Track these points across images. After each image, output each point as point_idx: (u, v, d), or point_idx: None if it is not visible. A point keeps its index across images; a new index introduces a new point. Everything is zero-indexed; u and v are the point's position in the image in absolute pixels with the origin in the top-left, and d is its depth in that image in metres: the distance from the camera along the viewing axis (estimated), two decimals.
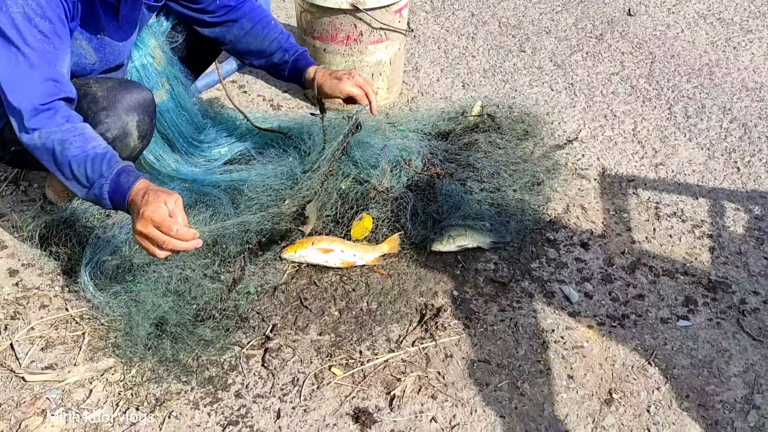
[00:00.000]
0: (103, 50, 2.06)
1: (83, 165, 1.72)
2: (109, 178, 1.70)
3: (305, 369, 1.93)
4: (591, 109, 3.10)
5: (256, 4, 2.33)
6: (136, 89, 2.04)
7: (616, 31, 3.75)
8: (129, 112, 2.00)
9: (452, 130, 2.75)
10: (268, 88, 3.25)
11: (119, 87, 2.01)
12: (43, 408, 1.81)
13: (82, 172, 1.72)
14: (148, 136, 2.12)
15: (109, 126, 1.96)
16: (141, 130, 2.05)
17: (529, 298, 2.15)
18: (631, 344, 2.01)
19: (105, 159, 1.72)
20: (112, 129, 1.97)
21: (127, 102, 1.99)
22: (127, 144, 2.02)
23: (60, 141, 1.71)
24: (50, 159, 1.74)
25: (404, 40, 3.07)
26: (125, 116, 1.99)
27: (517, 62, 3.48)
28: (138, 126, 2.03)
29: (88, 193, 1.75)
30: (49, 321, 2.05)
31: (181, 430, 1.77)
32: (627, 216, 2.48)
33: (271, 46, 2.31)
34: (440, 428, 1.79)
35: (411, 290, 2.17)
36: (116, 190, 1.71)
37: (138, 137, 2.05)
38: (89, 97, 1.96)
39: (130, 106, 2.00)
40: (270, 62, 2.35)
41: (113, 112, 1.97)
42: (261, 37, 2.31)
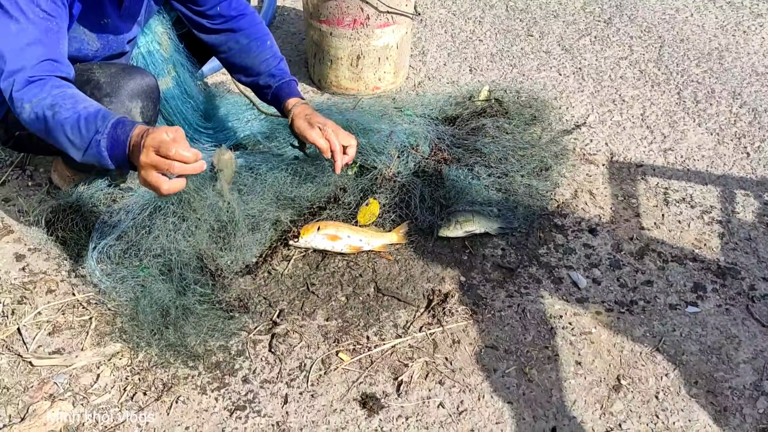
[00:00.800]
0: (106, 38, 2.05)
1: (76, 126, 1.65)
2: (105, 132, 1.63)
3: (312, 354, 1.93)
4: (599, 94, 3.08)
5: (257, 20, 2.29)
6: (140, 75, 2.02)
7: (624, 15, 3.72)
8: (132, 98, 1.98)
9: (459, 115, 2.73)
10: None
11: (122, 73, 1.99)
12: (51, 393, 1.82)
13: (77, 133, 1.65)
14: (152, 122, 2.11)
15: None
16: (145, 116, 2.04)
17: (536, 284, 2.14)
18: (639, 330, 2.00)
19: (98, 116, 1.65)
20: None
21: (130, 88, 1.98)
22: None
23: (50, 106, 1.65)
24: (43, 128, 1.68)
25: (411, 23, 3.05)
26: (129, 102, 1.97)
27: (525, 46, 3.46)
28: (142, 112, 2.02)
29: (86, 154, 1.67)
30: (56, 306, 2.05)
31: (188, 414, 1.77)
32: (635, 201, 2.47)
33: (260, 67, 2.26)
34: (447, 414, 1.78)
35: (418, 276, 2.16)
36: (114, 144, 1.63)
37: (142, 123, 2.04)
38: (92, 83, 1.95)
39: (133, 93, 1.98)
40: (254, 82, 2.30)
41: (117, 99, 1.95)
42: (253, 56, 2.26)
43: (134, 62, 2.25)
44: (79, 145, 1.66)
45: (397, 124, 2.56)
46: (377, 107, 2.75)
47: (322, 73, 3.06)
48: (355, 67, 2.97)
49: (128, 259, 2.05)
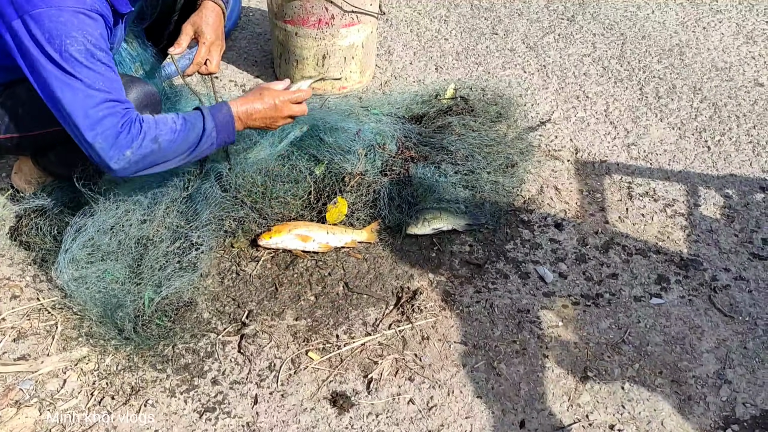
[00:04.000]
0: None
1: (184, 141, 1.85)
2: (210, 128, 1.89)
3: (282, 354, 1.93)
4: (563, 91, 3.11)
5: None
6: (141, 85, 2.06)
7: (587, 13, 3.76)
8: (142, 109, 2.00)
9: (426, 114, 2.75)
10: (240, 73, 3.22)
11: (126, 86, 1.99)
12: (17, 399, 1.79)
13: (186, 144, 1.86)
14: None
15: None
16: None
17: (504, 280, 2.16)
18: (605, 323, 2.03)
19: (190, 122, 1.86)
20: None
21: (134, 98, 2.00)
22: None
23: (152, 139, 1.79)
24: (153, 160, 1.83)
25: (376, 23, 3.05)
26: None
27: (490, 44, 3.48)
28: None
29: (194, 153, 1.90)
30: (20, 311, 2.02)
31: (157, 418, 1.76)
32: (600, 196, 2.50)
33: None
34: (418, 410, 1.79)
35: (387, 273, 2.17)
36: (221, 131, 1.92)
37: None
38: None
39: (140, 104, 2.01)
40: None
41: None
42: None
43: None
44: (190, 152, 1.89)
45: (364, 122, 2.57)
46: (344, 106, 2.75)
47: (288, 73, 3.05)
48: (321, 67, 2.97)
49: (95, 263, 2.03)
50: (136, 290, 1.98)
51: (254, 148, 2.40)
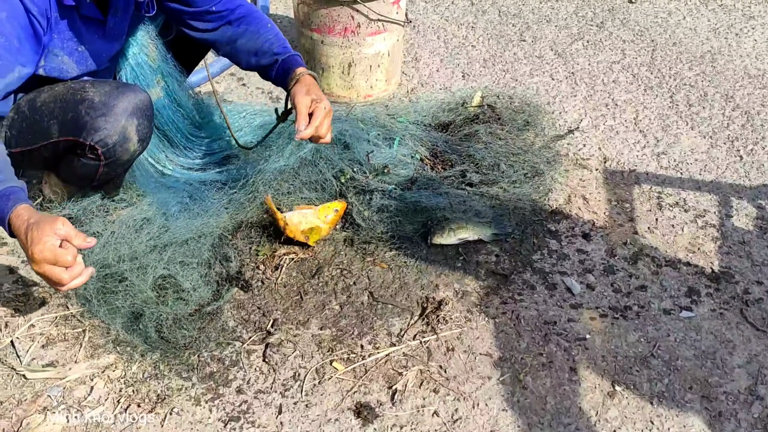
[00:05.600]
0: (85, 62, 2.05)
1: None
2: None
3: (306, 364, 1.92)
4: (592, 99, 3.08)
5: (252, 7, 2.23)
6: (133, 93, 2.02)
7: (617, 19, 3.73)
8: (128, 117, 1.98)
9: (452, 122, 2.74)
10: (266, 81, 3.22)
11: (116, 91, 1.99)
12: (45, 406, 1.81)
13: None
14: (148, 138, 2.11)
15: (108, 132, 1.95)
16: (140, 134, 2.04)
17: (530, 290, 2.14)
18: (633, 336, 2.00)
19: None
20: (112, 135, 1.96)
21: (125, 106, 1.97)
22: (127, 149, 2.02)
23: None
24: None
25: (403, 30, 3.05)
26: (125, 121, 1.97)
27: (518, 51, 3.46)
28: (137, 130, 2.02)
29: None
30: (49, 318, 2.04)
31: (182, 426, 1.77)
32: (629, 206, 2.47)
33: (264, 46, 2.18)
34: (442, 422, 1.78)
35: (412, 283, 2.16)
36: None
37: (138, 141, 2.04)
38: (86, 102, 1.95)
39: (128, 111, 1.98)
40: (258, 63, 2.22)
41: (112, 118, 1.95)
42: (255, 39, 2.18)
43: (123, 74, 2.25)
44: None
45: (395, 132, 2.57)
46: (370, 114, 2.75)
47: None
48: (347, 75, 2.97)
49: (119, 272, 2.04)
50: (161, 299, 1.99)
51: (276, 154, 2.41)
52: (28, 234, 1.52)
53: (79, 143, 1.98)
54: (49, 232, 1.51)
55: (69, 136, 1.98)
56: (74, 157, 2.06)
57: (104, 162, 2.03)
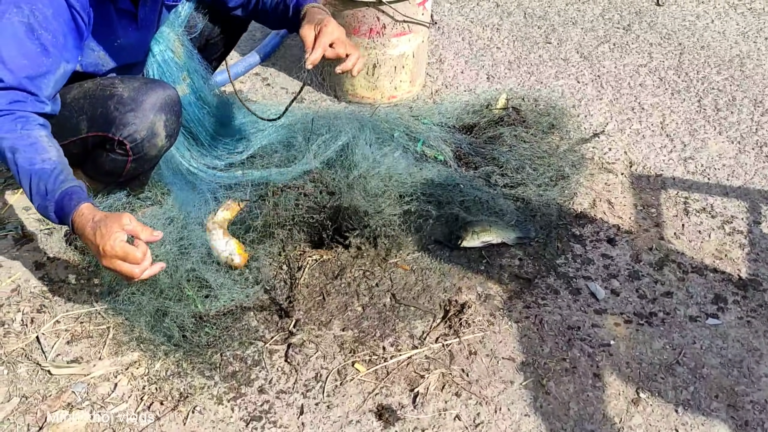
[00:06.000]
0: (118, 55, 2.08)
1: (29, 180, 1.67)
2: (53, 200, 1.66)
3: (328, 365, 1.92)
4: (618, 102, 3.06)
5: None
6: (161, 88, 2.04)
7: (644, 22, 3.69)
8: (157, 112, 2.00)
9: (477, 124, 2.73)
10: (290, 81, 3.24)
11: (145, 87, 2.01)
12: (69, 402, 1.83)
13: (28, 186, 1.68)
14: (175, 134, 2.13)
15: (137, 127, 1.97)
16: (168, 129, 2.06)
17: (554, 295, 2.13)
18: (659, 343, 1.98)
19: (51, 178, 1.67)
20: (140, 130, 1.98)
21: (153, 102, 1.99)
22: (155, 144, 2.03)
23: (10, 148, 1.68)
24: (6, 164, 1.71)
25: (428, 32, 3.04)
26: (153, 117, 1.99)
27: (543, 54, 3.44)
28: (165, 126, 2.04)
29: (37, 206, 1.70)
30: (74, 315, 2.06)
31: (204, 425, 1.78)
32: (655, 211, 2.44)
33: None
34: (464, 426, 1.77)
35: (435, 286, 2.15)
36: (60, 212, 1.66)
37: (165, 136, 2.06)
38: (116, 98, 1.97)
39: (157, 107, 2.00)
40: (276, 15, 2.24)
41: (141, 114, 1.97)
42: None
43: (150, 71, 2.27)
44: (32, 195, 1.69)
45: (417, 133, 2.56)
46: (394, 116, 2.75)
47: (338, 82, 3.06)
48: (371, 76, 2.97)
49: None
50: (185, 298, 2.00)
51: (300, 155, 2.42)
52: (96, 231, 1.57)
53: (107, 138, 2.00)
54: (117, 228, 1.56)
55: (98, 132, 2.00)
56: (102, 152, 2.08)
57: (132, 157, 2.05)
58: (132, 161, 2.06)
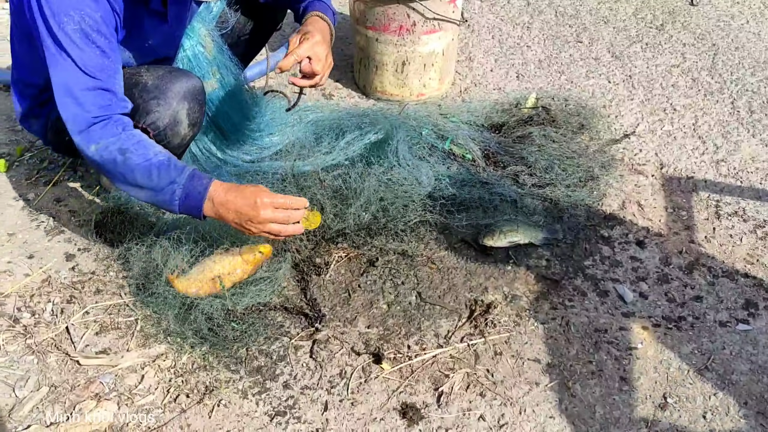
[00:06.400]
0: (148, 53, 2.11)
1: (147, 173, 1.78)
2: (181, 183, 1.79)
3: (353, 362, 1.93)
4: (650, 103, 3.02)
5: None
6: (186, 77, 2.06)
7: (677, 22, 3.64)
8: (180, 100, 2.02)
9: (505, 123, 2.71)
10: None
11: (169, 75, 2.03)
12: (97, 392, 1.85)
13: (147, 179, 1.78)
14: (198, 123, 2.14)
15: (160, 114, 1.99)
16: (191, 118, 2.07)
17: (581, 297, 2.11)
18: (687, 347, 1.96)
19: (171, 165, 1.80)
20: (163, 118, 1.99)
21: (177, 90, 2.01)
22: (177, 132, 2.05)
23: (120, 150, 1.76)
24: (110, 169, 1.79)
25: (458, 30, 3.03)
26: (176, 105, 2.01)
27: (574, 53, 3.41)
28: (188, 114, 2.05)
29: (153, 198, 1.83)
30: (103, 306, 2.08)
31: (229, 418, 1.79)
32: (685, 214, 2.41)
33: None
34: (488, 427, 1.76)
35: (461, 285, 2.15)
36: (189, 195, 1.80)
37: (188, 125, 2.07)
38: (140, 86, 1.99)
39: (180, 95, 2.02)
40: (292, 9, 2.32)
41: (164, 101, 1.99)
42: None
43: (180, 65, 2.29)
44: (148, 189, 1.81)
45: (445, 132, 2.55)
46: (422, 113, 2.74)
47: (367, 78, 3.06)
48: (400, 74, 2.96)
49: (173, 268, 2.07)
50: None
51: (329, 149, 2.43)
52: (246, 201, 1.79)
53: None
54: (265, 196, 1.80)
55: None
56: None
57: None
58: None
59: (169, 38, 2.14)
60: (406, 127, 2.57)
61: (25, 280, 2.16)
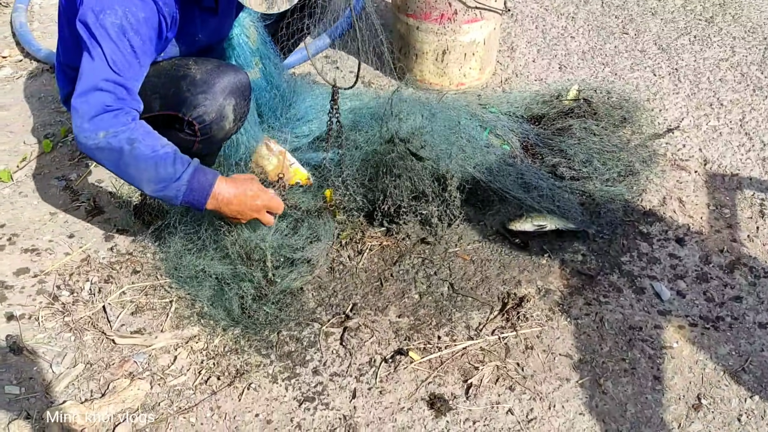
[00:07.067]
0: (196, 46, 2.14)
1: (154, 165, 1.78)
2: (186, 178, 1.80)
3: (383, 350, 1.93)
4: (696, 97, 2.94)
5: None
6: (233, 72, 2.07)
7: (728, 14, 3.54)
8: (227, 96, 2.03)
9: (546, 114, 2.67)
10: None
11: (217, 70, 2.04)
12: (131, 371, 1.88)
13: (152, 171, 1.79)
14: (243, 118, 2.16)
15: (207, 109, 2.00)
16: (237, 113, 2.08)
17: (617, 293, 2.07)
18: (724, 348, 1.91)
19: (176, 160, 1.81)
20: (210, 112, 2.01)
21: (224, 86, 2.03)
22: (222, 127, 2.06)
23: (129, 140, 1.76)
24: (116, 158, 1.78)
25: (500, 19, 2.99)
26: (223, 100, 2.02)
27: (619, 44, 3.34)
28: (234, 109, 2.07)
29: (156, 190, 1.82)
30: (139, 287, 2.12)
31: (258, 402, 1.81)
32: (728, 212, 2.35)
33: None
34: (516, 421, 1.75)
35: (494, 278, 2.13)
36: (193, 190, 1.82)
37: (233, 120, 2.08)
38: (188, 78, 2.01)
39: (228, 90, 2.03)
40: None
41: (211, 96, 2.00)
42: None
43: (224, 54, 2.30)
44: (151, 181, 1.80)
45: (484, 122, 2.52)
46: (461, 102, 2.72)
47: (407, 66, 3.04)
48: (440, 62, 2.94)
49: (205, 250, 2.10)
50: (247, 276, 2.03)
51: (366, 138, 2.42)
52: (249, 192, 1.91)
53: (177, 118, 2.04)
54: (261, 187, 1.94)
55: (169, 111, 2.04)
56: (171, 131, 2.12)
57: (200, 138, 2.08)
58: (199, 142, 2.09)
59: (216, 30, 2.17)
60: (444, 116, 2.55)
61: (65, 259, 2.21)
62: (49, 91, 3.04)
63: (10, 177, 2.54)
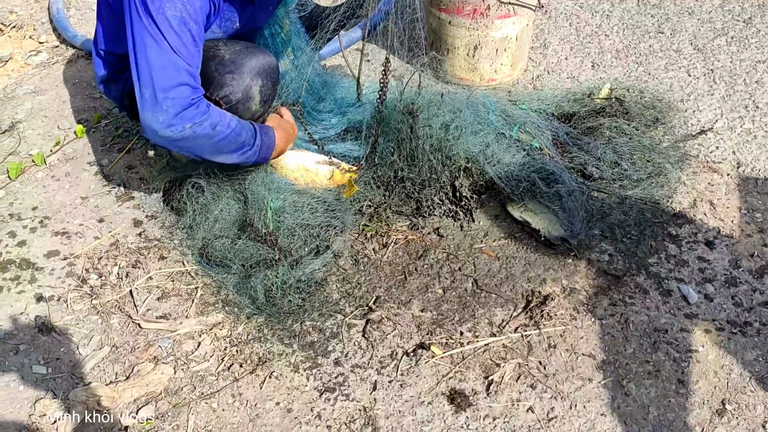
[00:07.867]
0: (233, 33, 2.15)
1: (236, 136, 1.95)
2: (260, 138, 2.03)
3: (405, 344, 1.93)
4: (731, 99, 2.89)
5: None
6: (262, 54, 2.09)
7: (767, 15, 3.47)
8: (254, 77, 2.05)
9: (576, 113, 2.64)
10: (391, 58, 3.23)
11: (246, 51, 2.06)
12: (155, 355, 1.91)
13: (234, 144, 1.96)
14: (270, 100, 2.17)
15: (234, 89, 2.02)
16: (263, 95, 2.10)
17: (643, 295, 2.05)
18: (751, 354, 1.88)
19: (244, 128, 1.98)
20: (236, 92, 2.03)
21: (252, 66, 2.05)
22: (248, 107, 2.08)
23: (212, 125, 1.88)
24: (201, 143, 1.89)
25: (533, 15, 2.97)
26: (250, 80, 2.04)
27: (654, 44, 3.30)
28: (261, 91, 2.08)
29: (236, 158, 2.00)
30: (166, 272, 2.14)
31: (279, 390, 1.82)
32: (760, 216, 2.31)
33: None
34: (536, 419, 1.74)
35: (518, 275, 2.12)
36: (261, 148, 2.05)
37: (260, 101, 2.10)
38: (217, 59, 2.03)
39: (255, 71, 2.05)
40: None
41: (239, 75, 2.03)
42: None
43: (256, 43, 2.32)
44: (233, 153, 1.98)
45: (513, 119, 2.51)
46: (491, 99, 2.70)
47: (438, 61, 3.03)
48: (472, 58, 2.92)
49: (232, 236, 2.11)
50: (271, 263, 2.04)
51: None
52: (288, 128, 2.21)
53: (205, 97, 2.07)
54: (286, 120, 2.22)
55: None
56: None
57: None
58: None
59: (251, 19, 2.19)
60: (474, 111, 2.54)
61: (94, 243, 2.24)
62: (84, 77, 3.09)
63: (43, 161, 2.58)
